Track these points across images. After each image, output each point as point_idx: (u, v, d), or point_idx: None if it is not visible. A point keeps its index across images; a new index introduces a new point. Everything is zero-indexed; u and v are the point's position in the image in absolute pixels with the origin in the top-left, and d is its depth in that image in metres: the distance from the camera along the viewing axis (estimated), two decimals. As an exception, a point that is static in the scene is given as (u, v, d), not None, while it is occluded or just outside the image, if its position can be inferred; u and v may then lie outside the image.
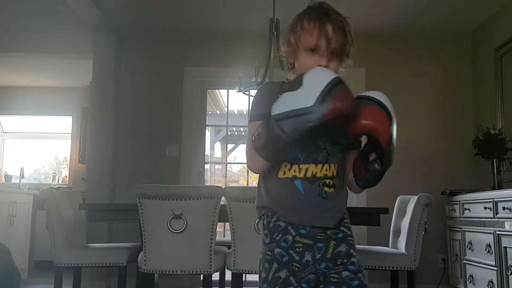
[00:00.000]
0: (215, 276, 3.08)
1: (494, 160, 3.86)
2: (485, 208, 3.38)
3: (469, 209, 3.68)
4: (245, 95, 3.86)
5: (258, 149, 1.23)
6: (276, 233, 1.30)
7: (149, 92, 4.77)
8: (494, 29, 4.29)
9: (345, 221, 1.36)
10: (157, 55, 4.81)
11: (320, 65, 1.31)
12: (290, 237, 1.27)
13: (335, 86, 1.14)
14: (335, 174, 1.30)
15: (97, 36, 4.69)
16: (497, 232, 3.19)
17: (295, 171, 1.28)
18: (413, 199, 3.19)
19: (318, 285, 1.29)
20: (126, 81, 4.78)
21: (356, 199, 4.52)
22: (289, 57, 1.45)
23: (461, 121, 4.62)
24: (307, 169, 1.27)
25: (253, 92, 3.81)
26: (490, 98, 4.29)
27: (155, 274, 2.98)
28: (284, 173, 1.29)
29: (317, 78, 1.16)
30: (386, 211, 2.95)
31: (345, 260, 1.29)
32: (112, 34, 4.71)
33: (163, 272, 2.75)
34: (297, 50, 1.39)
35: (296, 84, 1.19)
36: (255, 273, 2.79)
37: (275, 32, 3.50)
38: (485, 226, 3.39)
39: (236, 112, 6.81)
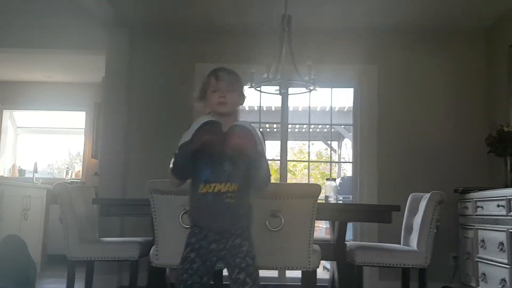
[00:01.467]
0: (225, 271, 3.09)
1: (508, 157, 3.82)
2: (498, 206, 3.35)
3: (482, 207, 3.66)
4: (256, 92, 3.86)
5: (171, 171, 1.88)
6: (195, 228, 1.85)
7: (161, 88, 4.79)
8: (509, 25, 4.24)
9: (246, 222, 1.86)
10: (169, 51, 4.83)
11: (220, 100, 1.90)
12: (204, 231, 1.82)
13: (202, 126, 1.78)
14: (236, 189, 1.81)
15: (110, 32, 4.72)
16: (510, 230, 3.17)
17: (208, 188, 1.80)
18: (426, 196, 3.18)
19: (217, 265, 1.86)
20: (139, 76, 4.80)
21: (368, 196, 4.51)
22: (203, 105, 2.02)
23: (475, 118, 4.57)
24: (215, 186, 1.80)
25: (265, 88, 3.81)
26: (504, 95, 4.24)
27: (167, 269, 3.00)
28: (201, 189, 1.82)
29: (196, 123, 1.83)
30: (398, 208, 2.94)
31: (237, 250, 1.80)
32: (125, 30, 4.74)
33: (175, 267, 2.76)
34: (206, 95, 1.96)
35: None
36: (266, 269, 2.80)
37: (287, 28, 3.50)
38: (498, 224, 3.36)
39: (247, 109, 6.81)
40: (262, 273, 1.89)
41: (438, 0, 4.07)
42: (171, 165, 1.86)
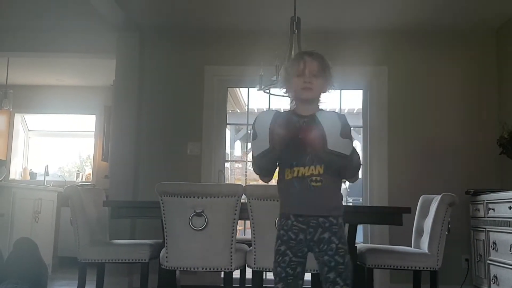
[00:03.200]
0: (236, 274, 3.09)
1: (520, 159, 3.78)
2: (510, 208, 3.32)
3: (493, 209, 3.62)
4: (265, 94, 3.86)
5: (259, 175, 1.85)
6: (282, 219, 1.79)
7: (171, 91, 4.81)
8: (520, 25, 4.20)
9: (335, 213, 1.76)
10: (179, 54, 4.85)
11: (305, 85, 1.78)
12: (290, 222, 1.76)
13: (274, 126, 1.66)
14: (321, 172, 1.72)
15: (120, 36, 4.75)
16: (523, 233, 3.13)
17: (292, 173, 1.75)
18: (437, 198, 3.15)
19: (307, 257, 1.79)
20: (148, 80, 4.83)
21: (378, 198, 4.49)
22: (288, 88, 1.88)
23: (486, 119, 4.53)
24: (298, 171, 1.74)
25: (273, 91, 3.81)
26: (515, 96, 4.20)
27: (177, 271, 3.01)
28: (287, 176, 1.77)
29: (260, 121, 1.71)
30: (409, 210, 2.92)
31: (325, 247, 1.72)
32: (135, 34, 4.77)
33: (185, 269, 2.78)
34: (289, 78, 1.84)
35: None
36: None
37: (296, 30, 3.50)
38: (509, 226, 3.33)
39: (256, 111, 6.81)
40: (271, 275, 1.88)
41: (448, 1, 4.05)
42: (257, 171, 1.81)
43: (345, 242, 1.75)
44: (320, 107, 1.85)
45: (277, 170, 1.84)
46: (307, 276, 1.93)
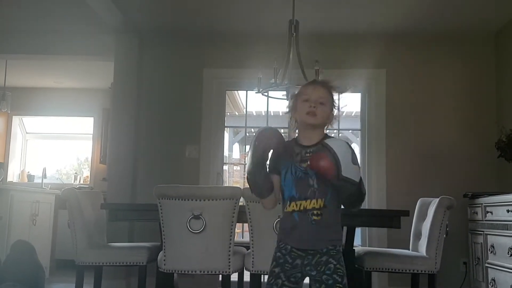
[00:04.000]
0: (234, 277, 3.09)
1: (518, 162, 3.79)
2: (508, 211, 3.32)
3: (491, 212, 3.62)
4: (263, 96, 3.86)
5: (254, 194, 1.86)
6: (281, 243, 1.79)
7: (169, 93, 4.81)
8: (518, 29, 4.22)
9: (334, 239, 1.75)
10: (177, 56, 4.85)
11: (309, 109, 1.78)
12: (289, 247, 1.76)
13: (256, 136, 1.75)
14: (322, 205, 1.71)
15: (118, 38, 4.75)
16: (521, 236, 3.14)
17: (293, 206, 1.75)
18: (435, 201, 3.15)
19: (302, 281, 1.78)
20: (147, 82, 4.83)
21: (376, 201, 4.49)
22: (293, 115, 1.89)
23: (484, 122, 4.54)
24: (300, 204, 1.73)
25: (272, 94, 3.81)
26: (513, 99, 4.21)
27: (175, 274, 3.00)
28: (288, 208, 1.77)
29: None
30: (407, 213, 2.92)
31: (323, 268, 1.71)
32: (134, 36, 4.77)
33: (182, 272, 2.77)
34: (296, 104, 1.85)
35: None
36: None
37: (295, 33, 3.50)
38: (507, 230, 3.33)
39: (254, 114, 6.82)
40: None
41: (447, 4, 4.06)
42: (250, 187, 1.82)
43: (344, 266, 1.75)
44: (324, 136, 1.83)
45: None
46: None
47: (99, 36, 4.86)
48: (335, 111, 1.86)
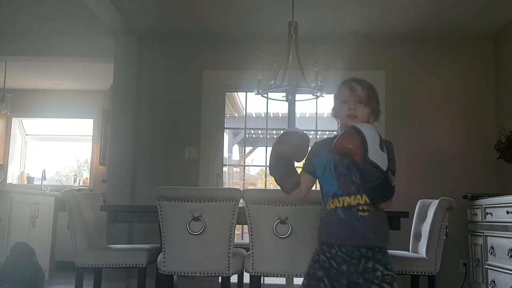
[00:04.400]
0: (233, 279, 3.08)
1: (517, 163, 3.79)
2: (508, 212, 3.32)
3: (491, 213, 3.62)
4: (263, 98, 3.86)
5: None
6: (324, 246, 1.71)
7: (169, 95, 4.82)
8: (517, 30, 4.22)
9: (381, 243, 1.69)
10: (177, 58, 4.85)
11: (349, 112, 1.74)
12: (334, 251, 1.68)
13: (279, 138, 1.79)
14: (367, 201, 1.66)
15: (118, 40, 4.75)
16: (521, 237, 3.13)
17: (337, 203, 1.69)
18: (434, 203, 3.15)
19: None
20: (147, 84, 4.83)
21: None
22: (336, 116, 1.85)
23: (484, 124, 4.54)
24: (344, 200, 1.68)
25: (272, 95, 3.81)
26: (513, 100, 4.21)
27: (174, 276, 3.00)
28: (330, 205, 1.71)
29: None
30: (407, 215, 2.92)
31: (371, 276, 1.63)
32: (133, 38, 4.77)
33: (182, 274, 2.76)
34: (336, 106, 1.82)
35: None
36: (274, 276, 2.79)
37: (294, 35, 3.50)
38: (507, 231, 3.33)
39: (254, 115, 6.82)
40: (268, 280, 1.87)
41: (446, 5, 4.06)
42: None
43: (391, 268, 1.67)
44: None
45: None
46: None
47: (98, 38, 4.86)
48: (379, 107, 1.79)
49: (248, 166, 7.20)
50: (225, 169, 5.40)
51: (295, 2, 3.53)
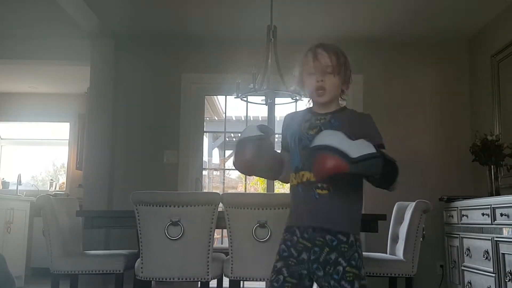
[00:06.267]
0: (213, 283, 3.07)
1: (492, 166, 3.86)
2: (483, 214, 3.38)
3: (467, 216, 3.68)
4: (243, 102, 3.86)
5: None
6: (287, 233, 1.57)
7: (147, 99, 4.77)
8: (491, 36, 4.31)
9: (346, 229, 1.51)
10: (155, 61, 4.82)
11: (317, 85, 1.58)
12: (295, 238, 1.53)
13: (238, 145, 1.58)
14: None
15: (95, 43, 4.70)
16: (495, 239, 3.19)
17: (298, 178, 1.54)
18: (411, 205, 3.19)
19: (306, 279, 1.53)
20: (124, 87, 4.78)
21: (354, 206, 4.51)
22: (301, 87, 1.69)
23: (459, 127, 4.62)
24: (303, 175, 1.52)
25: (251, 98, 3.81)
26: (487, 104, 4.30)
27: (152, 282, 2.96)
28: (292, 181, 1.58)
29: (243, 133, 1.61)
30: (384, 217, 2.95)
31: (331, 269, 1.47)
32: (110, 40, 4.72)
33: (160, 280, 2.74)
34: (302, 76, 1.64)
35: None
36: (253, 280, 2.78)
37: (273, 39, 3.51)
38: (483, 233, 3.38)
39: (234, 118, 6.80)
40: (248, 285, 1.86)
41: (422, 10, 4.12)
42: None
43: (357, 265, 1.48)
44: (339, 105, 1.67)
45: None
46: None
47: (74, 41, 4.80)
48: (350, 73, 1.65)
49: (228, 170, 7.18)
50: (204, 172, 5.38)
51: (274, 7, 3.54)
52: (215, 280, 3.15)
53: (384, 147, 1.54)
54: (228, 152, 8.30)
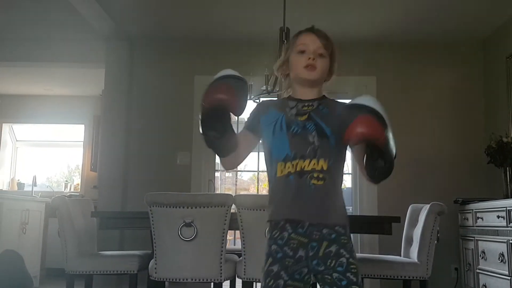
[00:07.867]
0: (226, 285, 3.07)
1: (507, 168, 3.82)
2: (498, 217, 3.34)
3: (482, 218, 3.64)
4: (255, 103, 3.86)
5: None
6: (275, 231, 1.41)
7: (160, 101, 4.81)
8: (506, 37, 4.26)
9: (342, 221, 1.43)
10: (169, 63, 4.85)
11: (308, 62, 1.48)
12: (286, 234, 1.38)
13: (213, 83, 1.46)
14: (324, 168, 1.39)
15: (109, 45, 4.74)
16: (511, 241, 3.15)
17: (290, 167, 1.40)
18: (426, 207, 3.16)
19: (309, 278, 1.42)
20: (138, 89, 4.82)
21: (368, 208, 4.50)
22: (283, 71, 1.60)
23: (474, 129, 4.58)
24: (297, 164, 1.39)
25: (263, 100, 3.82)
26: (502, 106, 4.25)
27: (166, 282, 2.98)
28: (281, 171, 1.42)
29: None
30: (398, 219, 2.93)
31: (333, 262, 1.36)
32: (124, 43, 4.76)
33: (174, 280, 2.75)
34: (289, 58, 1.55)
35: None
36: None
37: (285, 41, 3.51)
38: (498, 235, 3.35)
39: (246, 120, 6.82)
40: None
41: (436, 12, 4.10)
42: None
43: (356, 258, 1.40)
44: (323, 94, 1.58)
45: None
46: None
47: (90, 43, 4.85)
48: (335, 66, 1.58)
49: (240, 171, 7.19)
50: (217, 174, 5.39)
51: (287, 8, 3.55)
52: (228, 281, 3.15)
53: None
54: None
